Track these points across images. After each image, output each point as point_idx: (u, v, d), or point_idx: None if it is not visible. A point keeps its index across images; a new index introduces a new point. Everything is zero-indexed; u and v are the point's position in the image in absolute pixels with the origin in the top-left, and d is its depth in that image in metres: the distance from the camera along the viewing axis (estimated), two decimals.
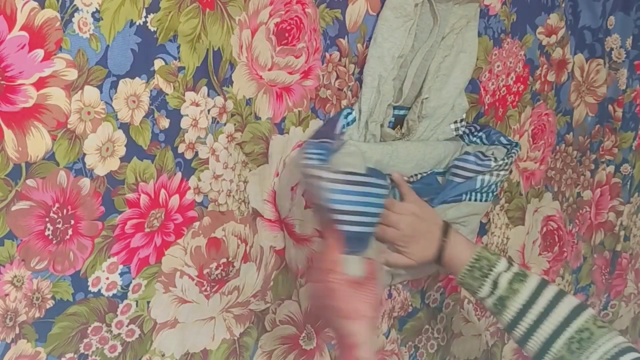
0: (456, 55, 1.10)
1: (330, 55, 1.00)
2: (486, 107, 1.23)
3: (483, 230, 1.29)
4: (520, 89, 1.28)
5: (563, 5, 1.31)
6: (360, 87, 1.03)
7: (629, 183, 1.56)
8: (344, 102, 1.03)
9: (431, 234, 1.01)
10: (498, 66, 1.23)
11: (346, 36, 1.00)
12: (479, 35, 1.15)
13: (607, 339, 0.90)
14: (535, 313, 0.94)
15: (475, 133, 1.16)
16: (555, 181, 1.43)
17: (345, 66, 1.02)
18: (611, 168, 1.53)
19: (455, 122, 1.13)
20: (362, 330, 0.82)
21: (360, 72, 1.03)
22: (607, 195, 1.54)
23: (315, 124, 1.00)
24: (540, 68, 1.31)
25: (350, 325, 0.82)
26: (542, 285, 0.96)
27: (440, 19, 1.04)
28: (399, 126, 1.10)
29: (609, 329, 0.92)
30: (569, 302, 0.94)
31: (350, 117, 1.01)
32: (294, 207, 1.00)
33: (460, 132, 1.14)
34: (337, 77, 1.01)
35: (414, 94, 1.08)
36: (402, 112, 1.09)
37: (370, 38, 1.02)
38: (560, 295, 0.95)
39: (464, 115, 1.14)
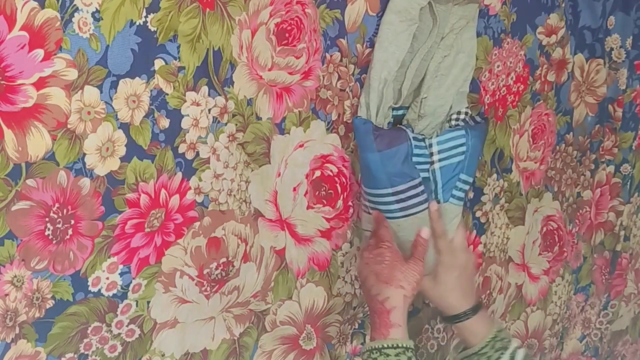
0: (455, 56, 1.09)
1: (331, 55, 1.00)
2: (486, 107, 1.23)
3: (482, 230, 1.29)
4: (520, 89, 1.28)
5: (563, 5, 1.31)
6: (360, 87, 1.03)
7: (629, 183, 1.56)
8: (346, 103, 1.03)
9: (473, 286, 1.08)
10: (498, 66, 1.22)
11: (345, 37, 1.00)
12: (479, 35, 1.15)
13: None
14: None
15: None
16: (555, 181, 1.43)
17: (345, 67, 1.02)
18: (611, 168, 1.52)
19: (458, 112, 1.11)
20: (397, 297, 0.92)
21: (360, 73, 1.03)
22: (607, 195, 1.54)
23: (316, 125, 1.00)
24: (540, 68, 1.31)
25: (387, 290, 0.92)
26: None
27: (440, 19, 1.04)
28: (397, 125, 1.10)
29: None
30: None
31: None
32: (295, 208, 1.00)
33: (461, 124, 1.11)
34: (339, 78, 1.01)
35: (411, 93, 1.08)
36: (400, 112, 1.09)
37: (370, 39, 1.02)
38: None
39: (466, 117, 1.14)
